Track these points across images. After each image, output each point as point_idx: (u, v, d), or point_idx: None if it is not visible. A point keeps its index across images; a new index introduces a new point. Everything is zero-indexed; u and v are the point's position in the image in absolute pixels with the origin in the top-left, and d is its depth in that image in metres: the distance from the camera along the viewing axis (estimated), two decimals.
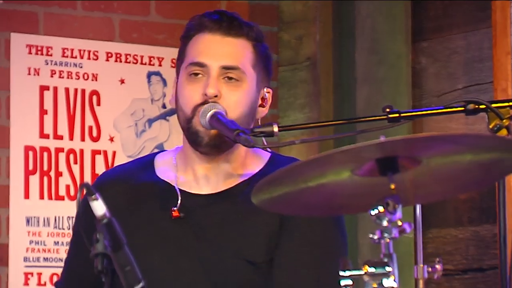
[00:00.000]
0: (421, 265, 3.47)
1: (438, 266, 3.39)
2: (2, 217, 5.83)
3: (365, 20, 5.93)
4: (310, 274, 3.86)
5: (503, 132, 3.75)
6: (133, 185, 4.07)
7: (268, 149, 4.17)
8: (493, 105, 3.89)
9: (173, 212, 3.95)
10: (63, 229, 5.27)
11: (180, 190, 4.04)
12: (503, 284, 4.38)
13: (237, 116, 3.86)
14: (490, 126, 3.67)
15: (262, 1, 6.19)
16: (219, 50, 3.98)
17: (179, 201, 4.01)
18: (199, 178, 4.03)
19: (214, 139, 3.84)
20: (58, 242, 5.56)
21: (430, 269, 3.47)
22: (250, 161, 4.08)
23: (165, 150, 4.43)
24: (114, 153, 5.63)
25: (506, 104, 4.18)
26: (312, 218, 4.12)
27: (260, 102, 4.03)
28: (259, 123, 4.10)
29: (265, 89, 3.99)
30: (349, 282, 3.03)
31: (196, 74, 3.87)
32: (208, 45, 3.98)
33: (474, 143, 3.16)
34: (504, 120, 3.99)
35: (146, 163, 4.12)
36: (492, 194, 4.82)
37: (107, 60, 5.79)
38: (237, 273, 4.07)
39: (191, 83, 3.90)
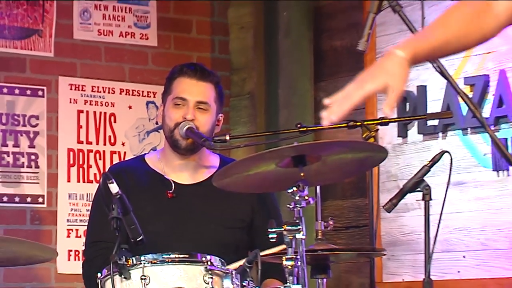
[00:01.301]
0: (320, 222, 4.54)
1: (330, 222, 4.50)
2: (53, 193, 6.13)
3: (286, 67, 6.52)
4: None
5: (371, 140, 4.81)
6: (134, 172, 4.96)
7: (217, 152, 5.08)
8: (365, 122, 4.89)
9: (169, 193, 4.84)
10: (91, 201, 5.23)
11: (165, 177, 4.90)
12: (370, 236, 5.12)
13: (205, 130, 4.79)
14: (363, 136, 4.83)
15: (219, 56, 6.62)
16: (195, 90, 4.86)
17: (173, 186, 4.88)
18: (176, 170, 4.93)
19: (188, 144, 4.81)
20: (88, 209, 5.70)
21: (325, 224, 4.56)
22: (209, 160, 5.01)
23: (150, 152, 5.45)
24: (125, 153, 6.27)
25: (373, 122, 4.95)
26: (267, 196, 4.96)
27: (217, 122, 4.93)
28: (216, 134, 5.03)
29: (220, 115, 4.92)
30: (275, 235, 3.98)
31: (179, 104, 4.81)
32: (188, 86, 4.87)
33: (353, 146, 4.39)
34: (372, 132, 4.79)
35: (140, 159, 5.11)
36: (364, 178, 5.59)
37: (120, 93, 6.35)
38: (218, 236, 4.80)
39: (175, 109, 4.83)
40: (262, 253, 4.23)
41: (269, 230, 4.10)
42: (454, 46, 2.89)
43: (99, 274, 4.23)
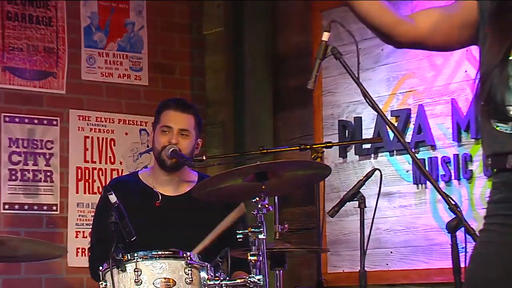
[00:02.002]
0: (277, 225, 4.53)
1: (286, 226, 4.52)
2: (64, 203, 6.00)
3: (251, 102, 6.47)
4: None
5: (318, 159, 4.82)
6: (129, 186, 4.91)
7: (196, 169, 5.04)
8: (313, 146, 4.91)
9: (156, 203, 4.84)
10: (95, 209, 5.22)
11: (155, 190, 4.86)
12: (317, 236, 5.10)
13: (186, 152, 4.76)
14: (312, 156, 4.81)
15: (197, 92, 6.56)
16: (178, 120, 4.82)
17: (160, 197, 4.85)
18: (163, 184, 4.88)
19: (173, 163, 4.79)
20: (92, 215, 5.35)
21: (281, 227, 4.55)
22: (189, 176, 4.95)
23: (142, 169, 5.37)
24: (122, 170, 6.16)
25: (319, 145, 4.96)
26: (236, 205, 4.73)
27: (196, 145, 4.88)
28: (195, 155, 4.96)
29: (199, 139, 4.86)
30: (241, 236, 4.01)
31: (165, 131, 4.76)
32: (173, 117, 4.82)
33: (304, 165, 4.47)
34: (319, 154, 4.80)
35: (134, 175, 5.08)
36: (312, 190, 5.40)
37: (118, 123, 6.23)
38: (195, 236, 4.64)
39: (162, 135, 4.80)
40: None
41: (237, 231, 4.11)
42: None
43: (100, 267, 4.21)
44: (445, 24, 2.88)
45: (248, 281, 4.03)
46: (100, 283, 4.21)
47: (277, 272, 4.54)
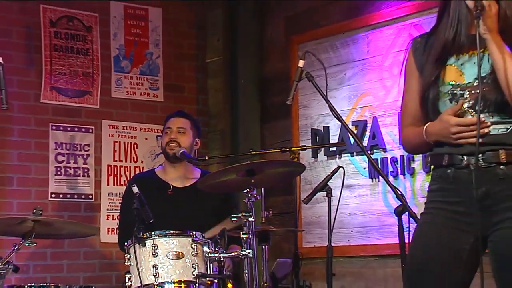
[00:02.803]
0: (263, 211, 4.51)
1: (270, 211, 4.49)
2: (98, 193, 5.91)
3: (243, 115, 6.37)
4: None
5: (296, 159, 4.76)
6: (148, 179, 4.87)
7: (199, 167, 5.00)
8: (292, 148, 4.84)
9: (169, 192, 4.83)
10: (122, 197, 5.22)
11: (167, 182, 4.84)
12: (295, 219, 5.05)
13: (185, 146, 4.76)
14: (290, 157, 4.74)
15: (202, 107, 6.44)
16: (176, 121, 4.85)
17: (171, 188, 4.83)
18: (173, 178, 4.85)
19: (172, 155, 4.77)
20: (119, 203, 5.33)
21: (267, 212, 4.53)
22: (193, 172, 4.89)
23: (158, 166, 5.14)
24: (143, 168, 6.05)
25: (296, 148, 4.90)
26: (231, 194, 4.82)
27: (195, 143, 4.85)
28: (196, 155, 4.94)
29: (197, 139, 4.83)
30: (235, 219, 4.05)
31: (167, 132, 4.77)
32: (173, 121, 4.84)
33: (284, 164, 4.44)
34: (296, 155, 4.77)
35: (152, 171, 5.05)
36: (291, 183, 5.22)
37: (140, 131, 6.12)
38: (199, 219, 4.62)
39: (166, 135, 4.82)
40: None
41: (232, 215, 4.11)
42: None
43: (126, 243, 4.20)
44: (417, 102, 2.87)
45: (241, 254, 4.02)
46: (126, 255, 4.19)
47: (263, 247, 4.50)
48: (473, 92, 2.67)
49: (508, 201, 2.64)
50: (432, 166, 2.82)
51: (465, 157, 2.66)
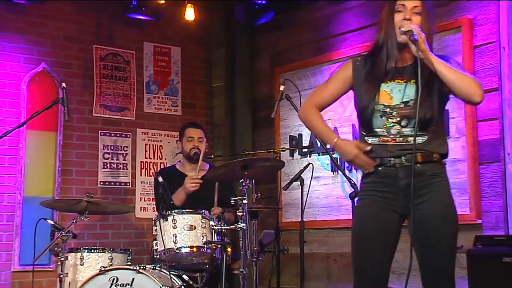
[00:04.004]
0: (254, 194, 4.46)
1: (259, 195, 4.51)
2: (134, 181, 5.82)
3: (239, 126, 6.24)
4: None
5: (278, 157, 4.73)
6: (170, 172, 4.77)
7: (208, 162, 4.92)
8: (275, 149, 4.84)
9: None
10: (152, 186, 5.34)
11: (185, 174, 4.73)
12: (277, 201, 5.13)
13: (203, 150, 4.67)
14: (274, 156, 4.73)
15: (209, 119, 6.29)
16: (196, 133, 4.72)
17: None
18: (189, 171, 4.72)
19: (193, 157, 4.67)
20: (150, 189, 5.73)
21: (256, 196, 4.45)
22: (204, 166, 4.76)
23: (177, 162, 5.03)
24: (166, 163, 5.94)
25: (279, 149, 4.89)
26: (230, 183, 4.71)
27: (206, 148, 4.77)
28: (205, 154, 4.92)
29: (207, 143, 4.75)
30: (234, 201, 3.97)
31: (190, 140, 4.67)
32: (193, 131, 4.73)
33: (269, 160, 4.34)
34: (278, 154, 4.78)
35: (172, 166, 4.95)
36: (275, 175, 5.40)
37: (165, 136, 6.02)
38: (206, 200, 4.43)
39: (188, 142, 4.70)
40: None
41: (231, 198, 4.08)
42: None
43: (153, 218, 4.19)
44: (333, 99, 2.94)
45: (237, 227, 3.98)
46: (153, 227, 4.16)
47: (253, 221, 4.45)
48: (399, 112, 2.67)
49: (422, 190, 2.66)
50: None
51: (392, 159, 2.69)
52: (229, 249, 4.13)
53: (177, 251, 4.03)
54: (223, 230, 4.14)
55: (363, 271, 2.70)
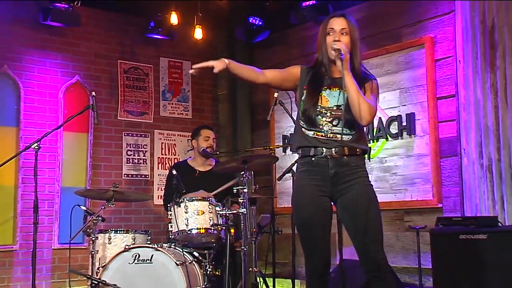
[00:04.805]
0: (253, 185, 4.26)
1: (257, 185, 4.33)
2: (152, 174, 5.79)
3: (240, 127, 6.22)
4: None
5: (272, 153, 4.55)
6: (182, 166, 4.68)
7: (214, 158, 4.80)
8: (270, 147, 4.67)
9: (195, 174, 4.68)
10: (166, 177, 4.89)
11: (195, 168, 4.72)
12: (271, 190, 4.74)
13: (215, 148, 4.63)
14: (269, 152, 4.58)
15: (216, 122, 6.24)
16: (211, 134, 4.64)
17: (197, 172, 4.67)
18: (199, 165, 4.67)
19: (206, 154, 4.62)
20: (165, 180, 5.18)
21: (254, 186, 4.30)
22: (211, 162, 4.71)
23: (188, 158, 4.91)
24: (179, 158, 5.88)
25: (273, 147, 4.66)
26: (234, 175, 4.36)
27: (215, 146, 4.66)
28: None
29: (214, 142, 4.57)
30: (236, 190, 3.87)
31: (206, 140, 4.58)
32: (208, 132, 4.65)
33: (265, 156, 4.24)
34: (273, 151, 4.57)
35: (184, 161, 4.83)
36: (271, 168, 5.29)
37: (178, 136, 5.99)
38: (213, 190, 4.35)
39: (205, 141, 4.61)
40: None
41: (233, 187, 4.03)
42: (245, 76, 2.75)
43: (168, 205, 4.15)
44: (277, 78, 2.81)
45: (239, 212, 3.93)
46: (168, 212, 4.15)
47: (252, 207, 4.41)
48: (332, 112, 2.72)
49: (347, 177, 2.70)
50: (300, 155, 2.81)
51: (324, 150, 2.71)
52: (232, 230, 4.10)
53: (188, 232, 4.01)
54: (227, 215, 4.10)
55: (310, 249, 2.72)
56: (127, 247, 3.90)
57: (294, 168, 4.43)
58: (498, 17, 3.85)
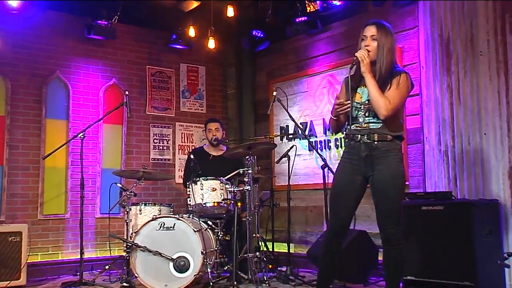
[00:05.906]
0: (256, 167, 4.27)
1: (259, 167, 4.28)
2: (174, 158, 5.67)
3: (246, 120, 6.14)
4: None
5: (272, 141, 4.67)
6: (199, 152, 4.67)
7: (224, 144, 4.78)
8: (270, 136, 4.72)
9: (210, 158, 4.66)
10: (185, 160, 5.00)
11: (209, 153, 4.70)
12: (271, 171, 4.76)
13: (219, 137, 4.56)
14: (269, 140, 4.63)
15: (226, 115, 6.15)
16: (214, 125, 4.60)
17: (211, 156, 4.63)
18: (212, 151, 4.66)
19: (214, 143, 4.60)
20: (184, 163, 5.17)
21: (257, 168, 4.32)
22: (222, 148, 4.70)
23: (204, 144, 4.94)
24: (196, 145, 5.79)
25: (273, 136, 4.66)
26: (242, 159, 4.13)
27: (223, 135, 4.65)
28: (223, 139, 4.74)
29: (223, 132, 4.64)
30: (242, 171, 3.91)
31: (210, 131, 4.56)
32: (212, 125, 4.62)
33: (266, 143, 4.21)
34: (272, 139, 4.69)
35: (201, 147, 4.84)
36: (270, 153, 5.25)
37: (195, 128, 5.91)
38: (225, 171, 4.28)
39: (209, 132, 4.59)
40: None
41: (240, 170, 4.09)
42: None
43: (187, 182, 4.18)
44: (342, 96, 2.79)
45: (244, 189, 3.97)
46: (187, 189, 4.17)
47: (255, 185, 4.43)
48: (365, 106, 2.71)
49: (377, 160, 2.67)
50: (346, 139, 2.81)
51: (359, 136, 2.70)
52: (239, 204, 4.09)
53: (204, 205, 4.07)
54: (235, 191, 4.08)
55: (333, 214, 2.72)
56: (154, 217, 3.90)
57: (290, 153, 4.58)
58: (452, 31, 3.87)
